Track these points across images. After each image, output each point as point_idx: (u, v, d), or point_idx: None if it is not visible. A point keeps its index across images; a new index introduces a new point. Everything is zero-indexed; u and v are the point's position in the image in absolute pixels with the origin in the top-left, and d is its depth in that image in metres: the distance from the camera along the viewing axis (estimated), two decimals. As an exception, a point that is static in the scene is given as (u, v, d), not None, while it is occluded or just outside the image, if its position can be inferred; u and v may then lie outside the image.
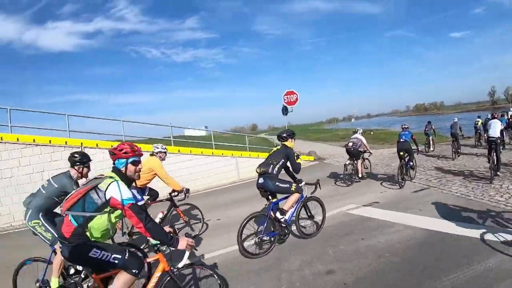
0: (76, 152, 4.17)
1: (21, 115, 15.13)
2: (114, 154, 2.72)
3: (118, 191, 2.49)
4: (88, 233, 2.56)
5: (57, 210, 4.08)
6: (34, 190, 4.20)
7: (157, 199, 5.67)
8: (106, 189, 2.52)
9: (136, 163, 2.74)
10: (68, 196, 2.64)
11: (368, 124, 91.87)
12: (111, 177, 2.61)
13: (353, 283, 3.69)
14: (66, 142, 10.45)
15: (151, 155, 5.52)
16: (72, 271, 3.40)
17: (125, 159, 2.70)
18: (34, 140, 10.22)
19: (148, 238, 2.72)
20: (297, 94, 14.86)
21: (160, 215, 5.48)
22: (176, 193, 5.54)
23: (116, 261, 2.54)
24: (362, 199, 7.58)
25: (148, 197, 5.46)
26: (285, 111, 15.19)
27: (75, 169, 4.06)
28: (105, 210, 2.54)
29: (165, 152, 5.59)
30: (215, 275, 3.01)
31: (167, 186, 5.59)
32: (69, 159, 4.12)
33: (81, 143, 10.65)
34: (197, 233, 5.96)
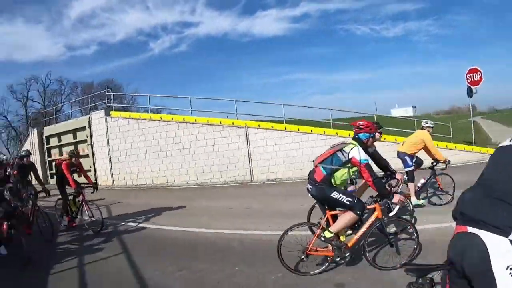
0: None
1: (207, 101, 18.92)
2: (361, 128, 3.65)
3: (358, 153, 3.39)
4: (332, 180, 3.49)
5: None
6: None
7: (421, 167, 6.22)
8: (350, 151, 3.45)
9: (374, 138, 3.77)
10: (320, 154, 3.68)
11: None
12: (353, 143, 3.55)
13: None
14: (233, 123, 12.28)
15: (421, 128, 6.30)
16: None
17: (369, 134, 3.65)
18: (207, 121, 12.55)
19: None
20: (481, 72, 12.00)
21: (422, 181, 5.99)
22: (436, 163, 5.97)
23: (348, 203, 3.38)
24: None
25: (414, 164, 6.03)
26: (470, 92, 12.56)
27: None
28: (347, 166, 3.47)
29: (432, 127, 6.33)
30: (413, 231, 3.56)
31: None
32: None
33: (245, 124, 12.15)
34: (448, 201, 5.82)
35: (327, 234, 3.45)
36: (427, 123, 6.33)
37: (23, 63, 59.12)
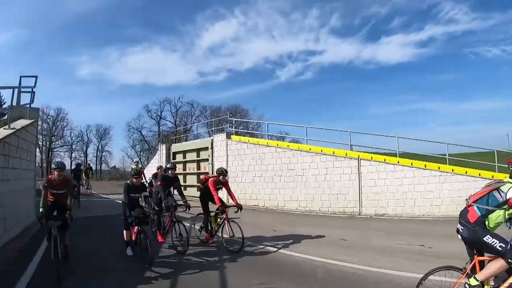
0: None
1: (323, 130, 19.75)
2: None
3: None
4: (486, 222, 3.20)
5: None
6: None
7: None
8: (508, 191, 3.12)
9: None
10: (475, 192, 3.41)
11: None
12: (511, 182, 3.20)
13: None
14: (346, 154, 12.39)
15: None
16: None
17: None
18: (321, 150, 12.94)
19: None
20: None
21: None
22: None
23: (500, 249, 3.07)
24: None
25: None
26: None
27: None
28: (503, 207, 3.14)
29: None
30: None
31: None
32: None
33: (358, 156, 12.12)
34: None
35: (473, 282, 3.20)
36: None
37: (159, 86, 70.33)
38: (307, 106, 70.78)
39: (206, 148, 17.35)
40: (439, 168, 10.79)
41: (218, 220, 6.90)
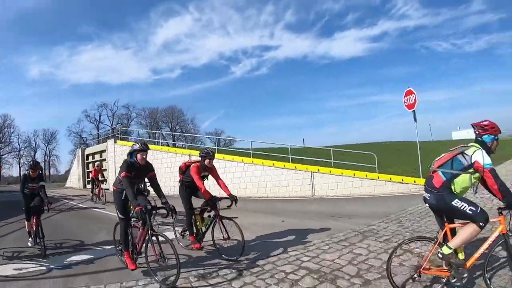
0: None
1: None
2: (485, 129, 3.11)
3: (482, 157, 2.94)
4: (452, 187, 3.06)
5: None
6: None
7: None
8: (472, 154, 3.00)
9: (498, 141, 3.15)
10: (438, 157, 3.26)
11: None
12: (475, 146, 3.08)
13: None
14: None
15: None
16: None
17: (494, 136, 3.10)
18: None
19: None
20: (415, 94, 11.36)
21: None
22: None
23: (471, 212, 2.92)
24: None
25: None
26: (415, 117, 11.68)
27: None
28: (469, 170, 3.00)
29: None
30: None
31: None
32: None
33: (223, 157, 14.51)
34: None
35: (446, 251, 3.03)
36: None
37: (113, 85, 69.78)
38: (264, 101, 72.70)
39: (104, 151, 20.76)
40: (284, 165, 13.15)
41: (206, 219, 5.18)
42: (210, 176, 5.33)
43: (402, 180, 10.86)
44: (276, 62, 68.96)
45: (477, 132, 3.15)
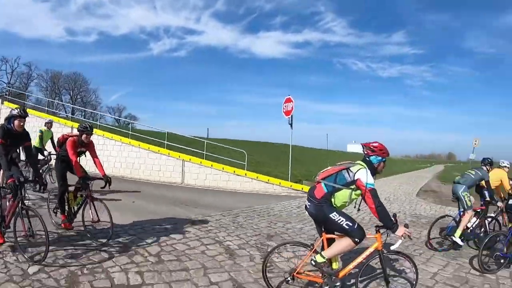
0: None
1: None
2: (373, 151, 3.23)
3: (365, 176, 3.05)
4: (332, 200, 3.17)
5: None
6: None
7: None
8: (356, 171, 3.10)
9: (385, 163, 3.29)
10: (325, 170, 3.35)
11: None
12: (361, 164, 3.20)
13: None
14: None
15: (498, 167, 6.28)
16: None
17: (381, 158, 3.23)
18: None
19: None
20: (293, 102, 12.29)
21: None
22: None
23: (347, 227, 3.05)
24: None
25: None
26: (290, 122, 12.56)
27: None
28: (351, 187, 3.12)
29: (508, 167, 6.38)
30: (413, 270, 3.24)
31: None
32: None
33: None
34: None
35: (319, 259, 3.16)
36: (504, 162, 6.46)
37: (22, 38, 61.91)
38: (178, 84, 69.28)
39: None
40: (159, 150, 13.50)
41: (79, 198, 4.95)
42: (88, 154, 5.10)
43: (268, 180, 11.97)
44: (196, 47, 67.44)
45: (365, 152, 3.29)
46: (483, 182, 5.83)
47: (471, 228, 5.65)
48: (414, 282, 3.25)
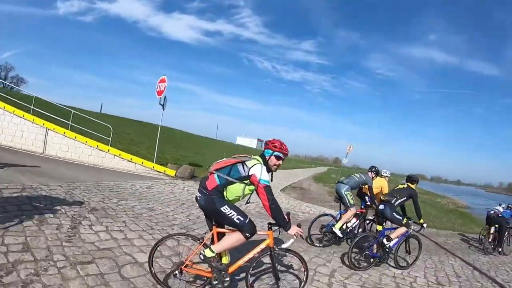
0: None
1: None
2: (267, 144, 3.23)
3: (260, 172, 2.99)
4: (225, 193, 3.07)
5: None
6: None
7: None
8: (252, 167, 3.03)
9: (278, 158, 3.20)
10: (219, 160, 3.21)
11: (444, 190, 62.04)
12: (257, 160, 3.14)
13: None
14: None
15: (380, 176, 7.12)
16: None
17: (272, 152, 3.17)
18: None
19: None
20: (166, 83, 12.05)
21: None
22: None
23: (238, 221, 2.99)
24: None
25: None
26: (162, 103, 12.35)
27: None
28: (244, 181, 3.06)
29: (389, 177, 7.33)
30: (304, 268, 3.34)
31: None
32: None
33: None
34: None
35: (208, 253, 3.07)
36: (386, 172, 7.21)
37: None
38: (78, 52, 60.42)
39: None
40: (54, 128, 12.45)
41: None
42: None
43: (131, 159, 12.10)
44: (105, 15, 59.84)
45: (263, 147, 3.34)
46: (366, 188, 6.65)
47: (351, 228, 6.33)
48: (304, 279, 3.38)
